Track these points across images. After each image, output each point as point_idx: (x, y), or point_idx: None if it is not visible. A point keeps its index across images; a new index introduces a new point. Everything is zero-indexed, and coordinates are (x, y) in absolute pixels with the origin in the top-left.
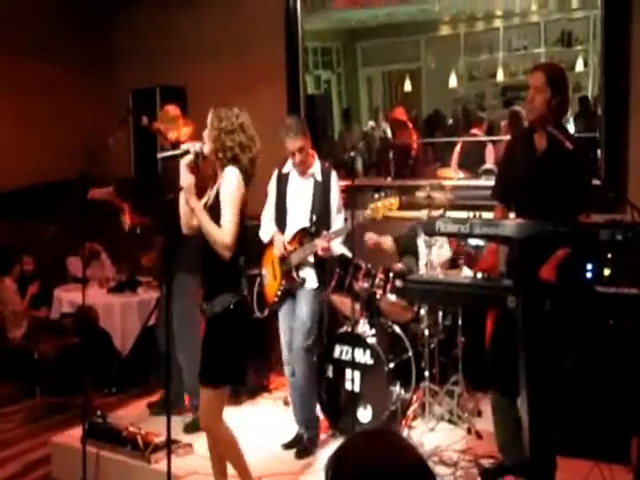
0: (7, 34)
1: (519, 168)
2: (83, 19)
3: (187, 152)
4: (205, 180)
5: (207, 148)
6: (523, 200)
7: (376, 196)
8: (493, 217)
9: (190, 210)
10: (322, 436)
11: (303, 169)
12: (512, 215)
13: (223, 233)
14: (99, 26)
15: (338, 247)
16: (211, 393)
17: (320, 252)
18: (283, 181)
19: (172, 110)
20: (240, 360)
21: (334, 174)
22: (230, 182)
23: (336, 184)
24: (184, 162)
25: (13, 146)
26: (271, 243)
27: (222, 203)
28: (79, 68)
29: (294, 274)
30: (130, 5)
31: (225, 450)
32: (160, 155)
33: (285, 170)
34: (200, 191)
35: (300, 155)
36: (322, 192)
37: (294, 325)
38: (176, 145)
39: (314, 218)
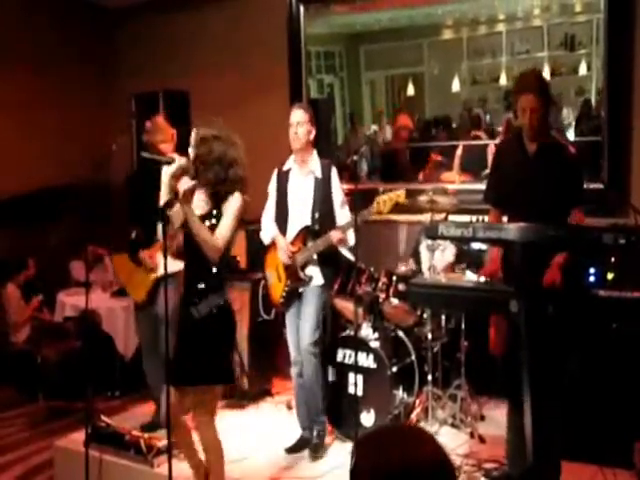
0: (10, 44)
1: (512, 170)
2: (86, 28)
3: (172, 161)
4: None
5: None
6: (517, 202)
7: (381, 190)
8: (489, 220)
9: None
10: (325, 439)
11: (299, 150)
12: (505, 219)
13: (217, 237)
14: (101, 34)
15: (352, 238)
16: (205, 393)
17: (336, 243)
18: (283, 179)
19: (161, 120)
20: (229, 359)
21: (334, 170)
22: (237, 203)
23: (337, 179)
24: (169, 171)
25: (17, 153)
26: (273, 245)
27: (225, 213)
28: (82, 76)
29: (300, 274)
30: (132, 13)
31: (210, 453)
32: (145, 155)
33: (285, 167)
34: None
35: (298, 127)
36: (323, 188)
37: (300, 322)
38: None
39: (316, 216)
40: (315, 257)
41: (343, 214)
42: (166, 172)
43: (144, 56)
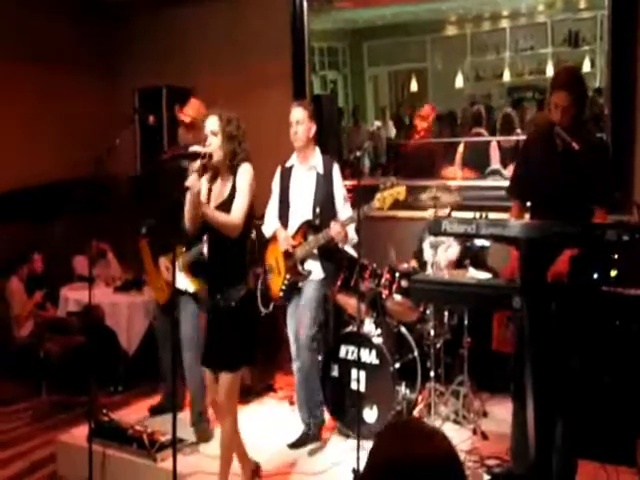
0: (15, 39)
1: (540, 165)
2: (89, 22)
3: (198, 155)
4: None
5: (217, 154)
6: (543, 197)
7: (381, 186)
8: (510, 215)
9: (195, 209)
10: (328, 435)
11: (300, 148)
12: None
13: (233, 215)
14: (104, 30)
15: (353, 234)
16: (233, 378)
17: (335, 237)
18: (286, 175)
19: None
20: (254, 343)
21: (336, 166)
22: (247, 175)
23: (339, 175)
24: (194, 167)
25: (22, 148)
26: (274, 239)
27: (237, 192)
28: (86, 70)
29: (299, 268)
30: (136, 8)
31: (234, 434)
32: (167, 154)
33: (288, 164)
34: None
35: (297, 126)
36: (325, 184)
37: (298, 316)
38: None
39: (317, 211)
40: (315, 252)
41: (345, 210)
42: (193, 168)
43: (147, 52)
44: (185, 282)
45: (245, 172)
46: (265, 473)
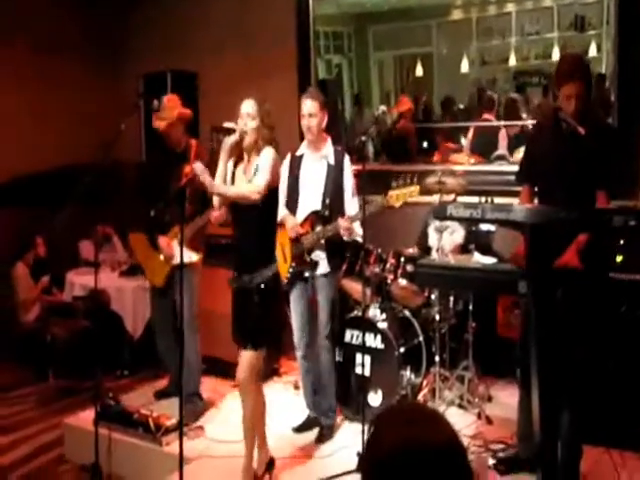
0: (19, 26)
1: (546, 151)
2: (93, 8)
3: (233, 130)
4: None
5: (250, 136)
6: (549, 182)
7: (394, 184)
8: (520, 200)
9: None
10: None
11: (312, 140)
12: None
13: (254, 183)
14: (110, 16)
15: (359, 228)
16: (254, 355)
17: (342, 233)
18: (296, 164)
19: (167, 99)
20: (279, 325)
21: (347, 158)
22: (269, 156)
23: (349, 167)
24: (229, 140)
25: (28, 134)
26: (280, 226)
27: (260, 168)
28: (90, 57)
29: (306, 257)
30: None
31: (253, 410)
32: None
33: (298, 153)
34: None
35: (310, 119)
36: (335, 175)
37: (314, 313)
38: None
39: (327, 201)
40: (323, 242)
41: (353, 204)
42: (227, 142)
43: (151, 38)
44: (187, 254)
45: (268, 154)
46: None
